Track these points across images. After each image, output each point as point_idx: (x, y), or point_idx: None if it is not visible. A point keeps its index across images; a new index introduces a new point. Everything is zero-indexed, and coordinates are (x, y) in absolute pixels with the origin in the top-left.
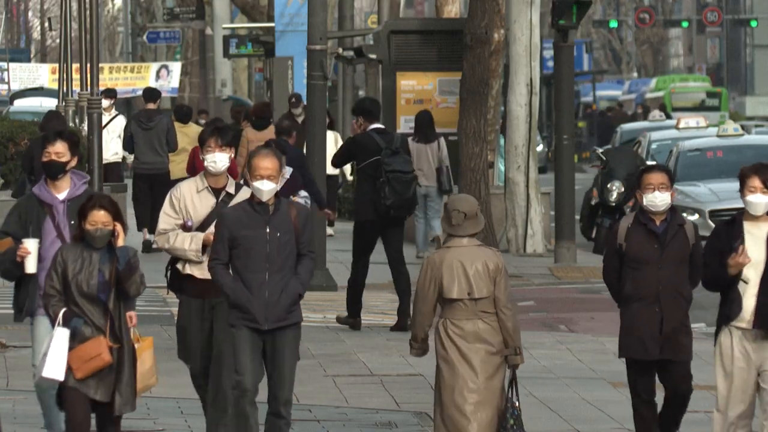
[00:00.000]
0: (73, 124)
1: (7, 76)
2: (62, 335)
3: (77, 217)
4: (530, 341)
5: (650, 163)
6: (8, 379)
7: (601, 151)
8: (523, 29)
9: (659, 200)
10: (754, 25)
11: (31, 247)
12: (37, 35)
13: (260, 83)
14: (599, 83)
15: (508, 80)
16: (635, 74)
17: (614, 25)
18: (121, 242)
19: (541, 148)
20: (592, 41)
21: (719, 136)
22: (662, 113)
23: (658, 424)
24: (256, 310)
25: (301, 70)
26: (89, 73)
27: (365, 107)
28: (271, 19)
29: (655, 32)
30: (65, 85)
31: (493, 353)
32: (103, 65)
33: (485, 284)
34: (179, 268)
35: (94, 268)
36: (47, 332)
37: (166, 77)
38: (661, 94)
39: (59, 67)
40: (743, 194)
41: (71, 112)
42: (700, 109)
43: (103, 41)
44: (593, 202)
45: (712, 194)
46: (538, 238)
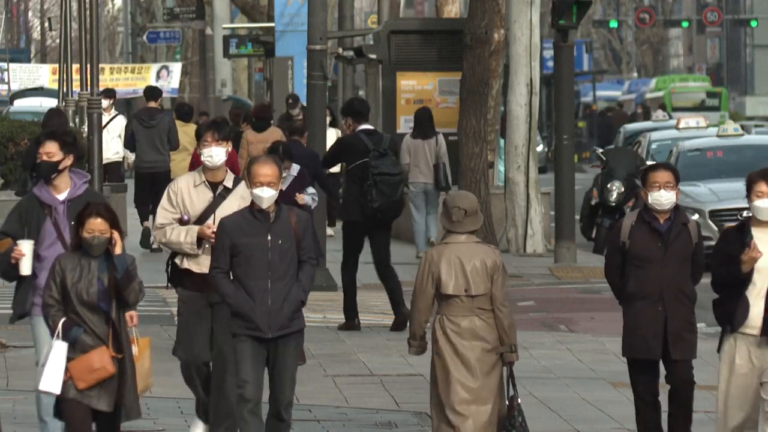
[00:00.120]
0: (73, 124)
1: (7, 76)
2: (60, 348)
3: (75, 225)
4: (530, 341)
5: (650, 162)
6: (8, 379)
7: (601, 151)
8: (523, 29)
9: (665, 199)
10: (754, 25)
11: (25, 248)
12: (37, 35)
13: (260, 83)
14: (599, 83)
15: (508, 80)
16: (635, 74)
17: (614, 25)
18: (118, 250)
19: (541, 148)
20: (592, 41)
21: (719, 136)
22: (665, 113)
23: None
24: (258, 318)
25: (301, 70)
26: (89, 73)
27: (354, 108)
28: (271, 19)
29: (655, 32)
30: (65, 85)
31: (488, 350)
32: (104, 66)
33: (482, 281)
34: (177, 262)
35: (93, 276)
36: (47, 332)
37: (166, 78)
38: (661, 94)
39: (59, 67)
40: (750, 199)
41: (71, 112)
42: (700, 109)
43: (103, 41)
44: (593, 202)
45: (712, 194)
46: (538, 238)
